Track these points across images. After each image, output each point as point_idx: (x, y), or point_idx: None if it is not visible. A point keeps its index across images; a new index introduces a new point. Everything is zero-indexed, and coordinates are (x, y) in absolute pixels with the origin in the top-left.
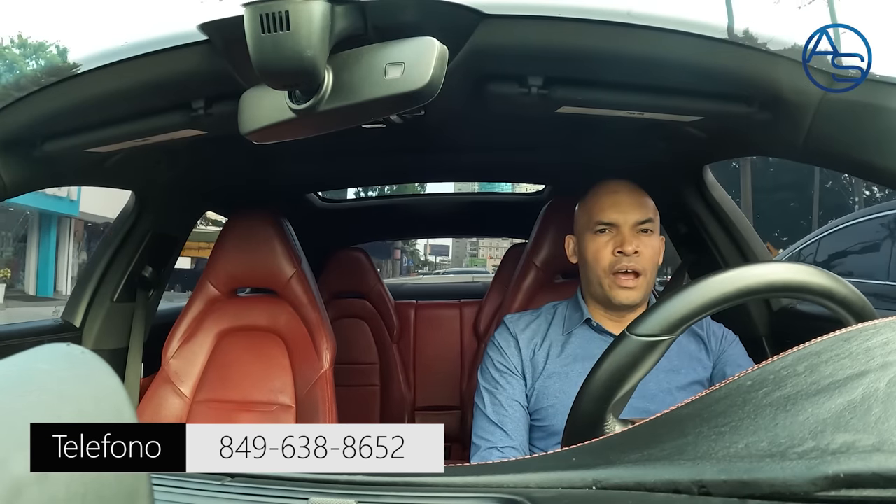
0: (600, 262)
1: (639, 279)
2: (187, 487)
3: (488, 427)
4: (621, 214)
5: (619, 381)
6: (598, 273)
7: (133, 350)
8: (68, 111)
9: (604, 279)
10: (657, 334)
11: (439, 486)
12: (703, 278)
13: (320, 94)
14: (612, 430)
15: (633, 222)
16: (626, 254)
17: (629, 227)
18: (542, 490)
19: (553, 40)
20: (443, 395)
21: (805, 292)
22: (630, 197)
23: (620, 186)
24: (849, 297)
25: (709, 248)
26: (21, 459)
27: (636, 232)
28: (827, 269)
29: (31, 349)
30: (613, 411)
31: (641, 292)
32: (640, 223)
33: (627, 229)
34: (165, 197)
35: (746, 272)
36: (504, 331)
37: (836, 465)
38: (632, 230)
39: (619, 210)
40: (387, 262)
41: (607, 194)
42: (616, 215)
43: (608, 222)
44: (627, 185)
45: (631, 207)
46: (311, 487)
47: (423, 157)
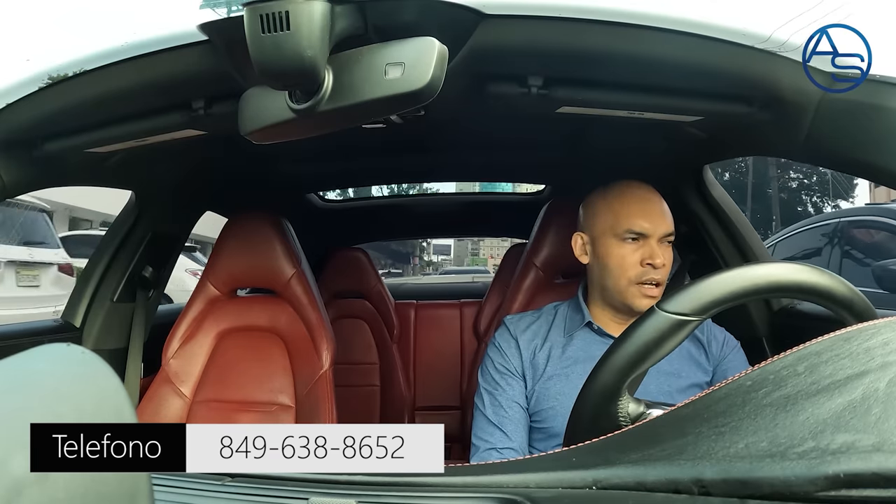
0: (626, 271)
1: (659, 289)
2: (187, 487)
3: (488, 428)
4: (653, 226)
5: (643, 355)
6: (622, 281)
7: (133, 350)
8: (68, 111)
9: (628, 288)
10: (687, 314)
11: (439, 486)
12: (738, 267)
13: (320, 94)
14: (626, 408)
15: (662, 234)
16: (656, 266)
17: (658, 238)
18: (542, 490)
19: (553, 40)
20: (443, 395)
21: (829, 299)
22: (660, 207)
23: (651, 194)
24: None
25: (709, 248)
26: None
27: (663, 244)
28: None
29: (31, 349)
30: (630, 388)
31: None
32: (667, 235)
33: (656, 240)
34: (165, 197)
35: (778, 269)
36: (504, 332)
37: (836, 465)
38: (660, 242)
39: (651, 221)
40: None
41: (638, 202)
42: (648, 226)
43: (639, 232)
44: (655, 192)
45: (661, 219)
46: (311, 487)
47: (423, 157)
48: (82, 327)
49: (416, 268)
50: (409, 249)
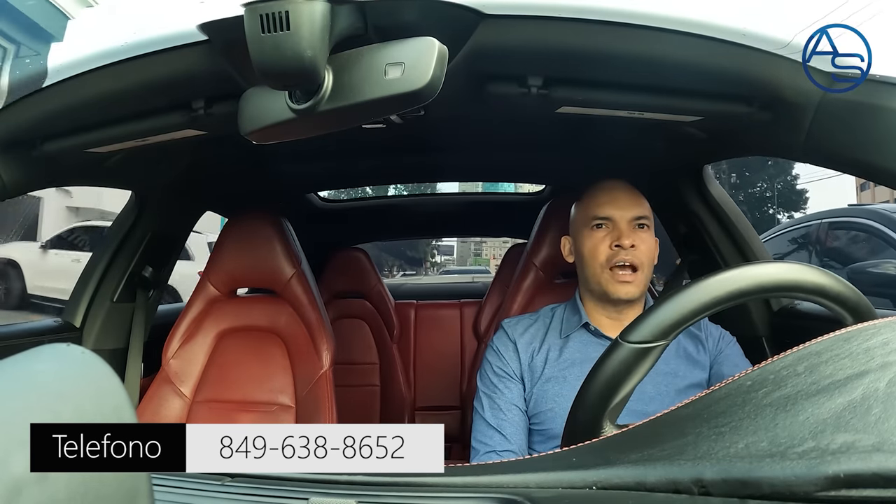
0: (597, 256)
1: (636, 274)
2: (187, 487)
3: (487, 431)
4: (618, 210)
5: (613, 388)
6: (596, 268)
7: (133, 350)
8: (68, 111)
9: (601, 274)
10: (650, 340)
11: (439, 486)
12: (695, 282)
13: (320, 94)
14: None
15: (630, 217)
16: (624, 247)
17: (626, 221)
18: (542, 490)
19: (553, 40)
20: (443, 395)
21: (797, 290)
22: (626, 193)
23: (616, 183)
24: (843, 293)
25: (709, 248)
26: (21, 459)
27: (633, 227)
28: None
29: (31, 349)
30: (610, 417)
31: (639, 287)
32: (637, 218)
33: (625, 224)
34: (165, 197)
35: (737, 274)
36: (502, 335)
37: (836, 465)
38: (629, 224)
39: (616, 205)
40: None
41: (603, 191)
42: (613, 210)
43: (605, 216)
44: (623, 182)
45: (627, 203)
46: (311, 487)
47: (423, 157)
48: (82, 327)
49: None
50: (420, 255)
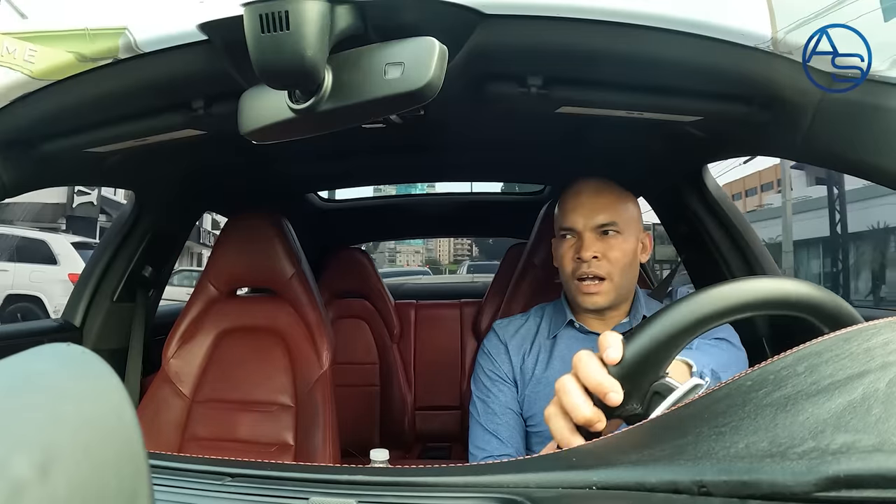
0: (565, 267)
1: (603, 284)
2: (187, 487)
3: (483, 436)
4: (581, 218)
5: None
6: (565, 277)
7: (133, 350)
8: (68, 111)
9: (570, 283)
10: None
11: (439, 486)
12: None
13: (320, 94)
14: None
15: (593, 226)
16: (584, 259)
17: (590, 230)
18: (542, 490)
19: (553, 40)
20: (443, 394)
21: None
22: (591, 199)
23: (584, 187)
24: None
25: (708, 248)
26: (21, 459)
27: (598, 234)
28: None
29: (31, 349)
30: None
31: (608, 297)
32: (602, 226)
33: (588, 233)
34: (165, 197)
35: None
36: (493, 337)
37: (836, 465)
38: (592, 234)
39: (580, 213)
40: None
41: (570, 197)
42: (576, 218)
43: (569, 227)
44: (592, 185)
45: (591, 211)
46: (311, 487)
47: (423, 157)
48: (82, 327)
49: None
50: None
